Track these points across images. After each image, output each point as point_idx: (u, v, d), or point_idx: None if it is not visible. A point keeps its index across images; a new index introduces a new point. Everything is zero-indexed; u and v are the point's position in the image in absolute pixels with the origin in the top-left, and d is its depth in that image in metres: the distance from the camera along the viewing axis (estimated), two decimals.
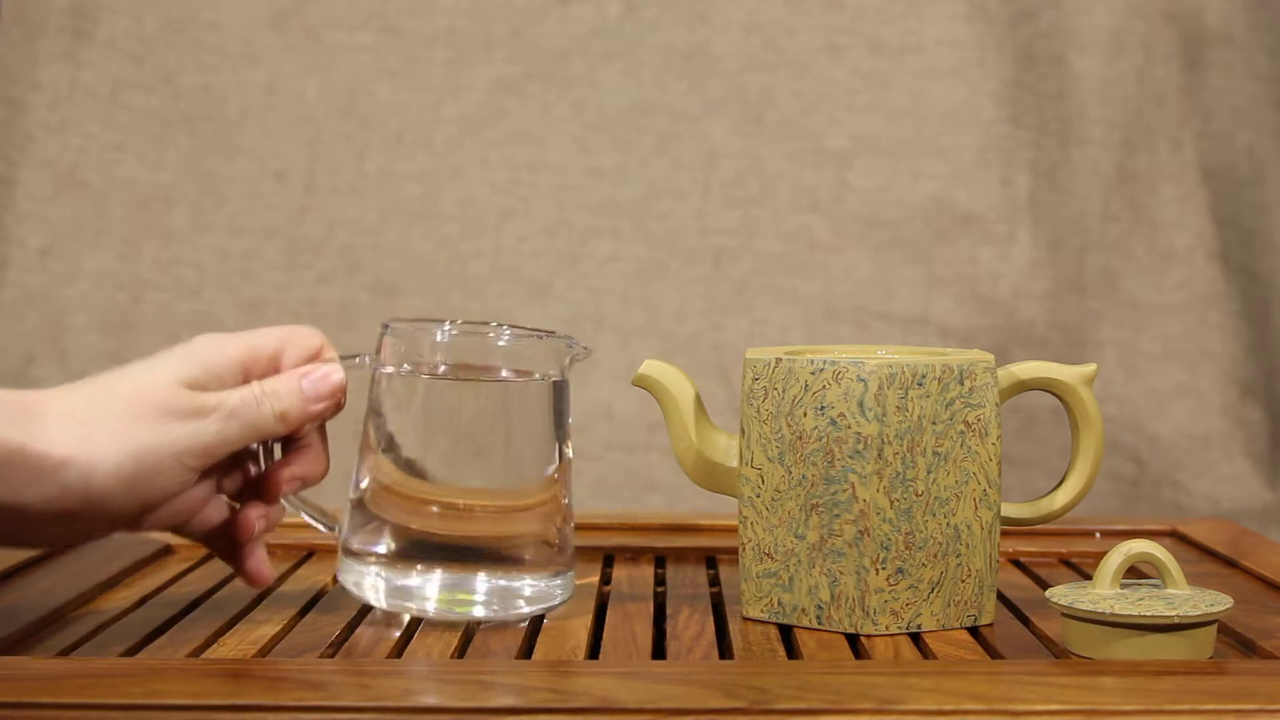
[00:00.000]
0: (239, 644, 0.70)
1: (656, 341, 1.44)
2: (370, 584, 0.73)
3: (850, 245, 1.47)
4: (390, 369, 0.73)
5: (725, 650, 0.71)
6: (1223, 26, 1.47)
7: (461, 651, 0.69)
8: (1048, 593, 0.69)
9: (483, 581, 0.72)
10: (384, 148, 1.46)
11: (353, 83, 1.46)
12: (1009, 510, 0.78)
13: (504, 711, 0.57)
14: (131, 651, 0.68)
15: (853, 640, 0.71)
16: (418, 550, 0.72)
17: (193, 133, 1.48)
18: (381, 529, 0.72)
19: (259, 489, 0.73)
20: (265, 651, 0.69)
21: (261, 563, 0.73)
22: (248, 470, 0.73)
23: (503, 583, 0.72)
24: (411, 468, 0.73)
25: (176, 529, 0.71)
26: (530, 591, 0.73)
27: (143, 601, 0.78)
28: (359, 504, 0.74)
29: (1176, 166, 1.47)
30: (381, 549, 0.72)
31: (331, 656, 0.69)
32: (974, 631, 0.73)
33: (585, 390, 1.46)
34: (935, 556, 0.73)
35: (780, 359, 0.74)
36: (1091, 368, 0.78)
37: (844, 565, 0.72)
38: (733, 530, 0.86)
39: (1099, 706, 0.58)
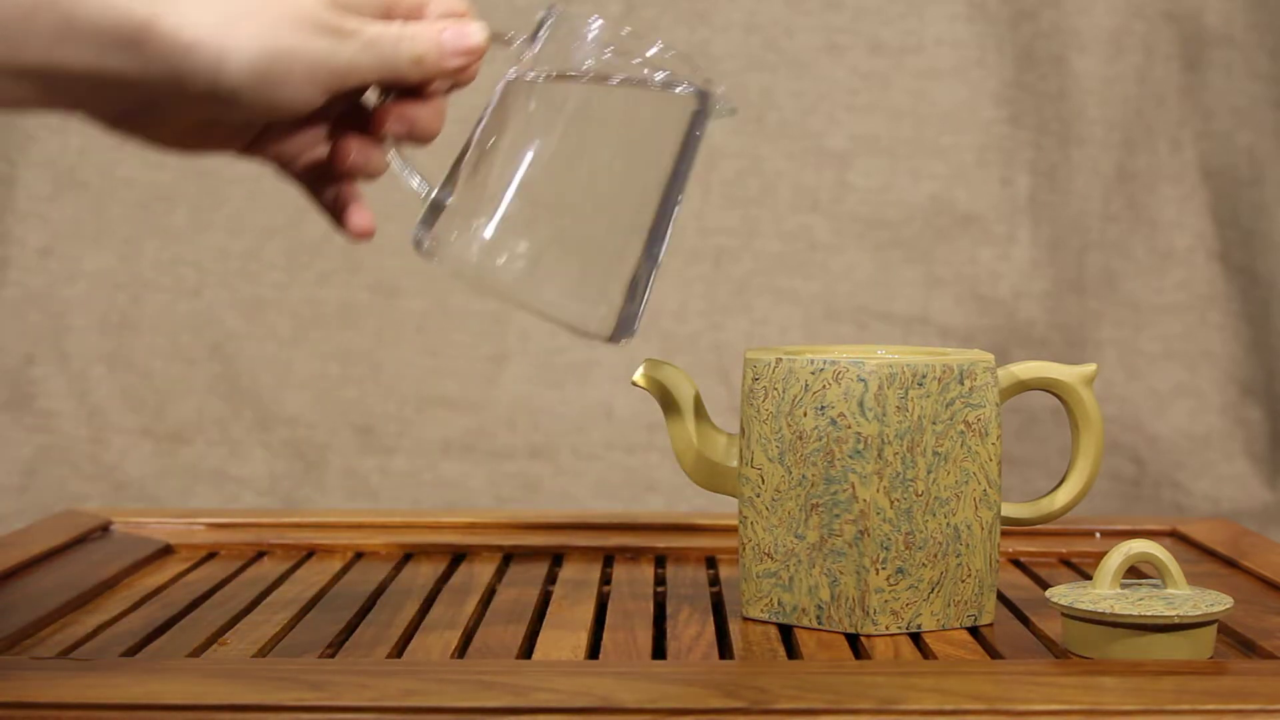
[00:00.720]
0: (239, 644, 0.70)
1: (656, 341, 1.44)
2: (458, 248, 0.68)
3: (850, 245, 1.47)
4: (532, 57, 0.69)
5: (725, 650, 0.71)
6: (1223, 26, 1.47)
7: (461, 651, 0.69)
8: (1048, 593, 0.69)
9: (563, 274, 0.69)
10: None
11: None
12: (1009, 510, 0.78)
13: (504, 711, 0.57)
14: (131, 651, 0.68)
15: (853, 640, 0.71)
16: (504, 229, 0.68)
17: None
18: (475, 209, 0.68)
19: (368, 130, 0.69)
20: (265, 651, 0.69)
21: (363, 214, 0.70)
22: (364, 124, 0.70)
23: (571, 283, 0.69)
24: (523, 160, 0.69)
25: (282, 165, 0.69)
26: (576, 309, 0.69)
27: (143, 601, 0.78)
28: (460, 176, 0.69)
29: (1176, 166, 1.47)
30: (474, 220, 0.68)
31: (331, 656, 0.69)
32: (974, 631, 0.73)
33: (585, 390, 1.46)
34: (935, 556, 0.73)
35: (780, 359, 0.74)
36: (1091, 368, 0.78)
37: (844, 565, 0.72)
38: (733, 530, 0.86)
39: (1099, 706, 0.58)
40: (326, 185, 0.70)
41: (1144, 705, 0.58)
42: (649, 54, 0.70)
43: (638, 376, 0.79)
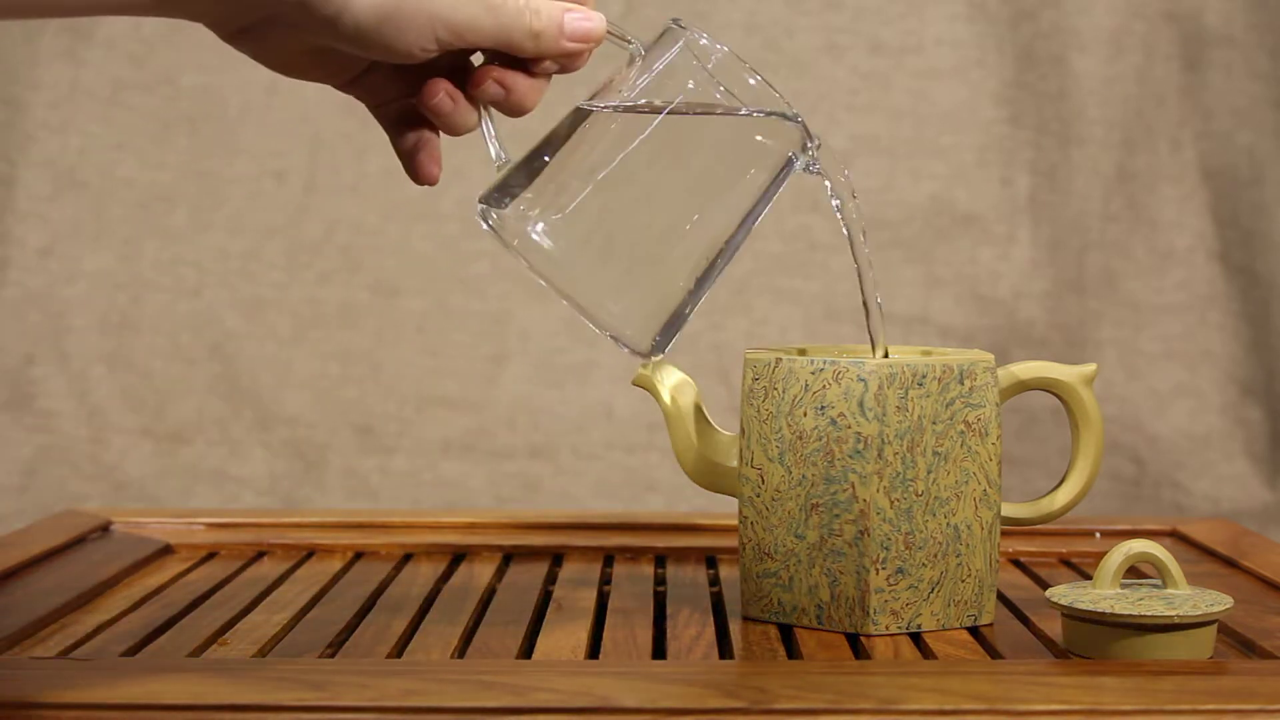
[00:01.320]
0: (239, 644, 0.70)
1: None
2: (521, 231, 0.68)
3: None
4: (641, 69, 0.69)
5: (725, 650, 0.71)
6: (1223, 26, 1.47)
7: (461, 651, 0.69)
8: (1048, 593, 0.69)
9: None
10: (384, 148, 1.45)
11: None
12: (1009, 510, 0.78)
13: (504, 711, 0.57)
14: (131, 651, 0.68)
15: (853, 640, 0.71)
16: (569, 225, 0.68)
17: (193, 133, 1.48)
18: (546, 198, 0.68)
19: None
20: (265, 651, 0.69)
21: (433, 163, 0.71)
22: (464, 83, 0.70)
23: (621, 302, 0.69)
24: (606, 166, 0.69)
25: (374, 105, 0.70)
26: (619, 318, 0.68)
27: (143, 601, 0.78)
28: (541, 162, 0.69)
29: (1176, 166, 1.47)
30: (543, 208, 0.68)
31: (331, 656, 0.69)
32: (974, 631, 0.73)
33: (585, 390, 1.46)
34: (935, 556, 0.73)
35: (780, 359, 0.74)
36: (1091, 368, 0.78)
37: (844, 565, 0.72)
38: (733, 530, 0.86)
39: (1099, 706, 0.58)
40: (409, 130, 0.71)
41: (1144, 705, 0.58)
42: (753, 84, 0.69)
43: (638, 377, 0.79)
